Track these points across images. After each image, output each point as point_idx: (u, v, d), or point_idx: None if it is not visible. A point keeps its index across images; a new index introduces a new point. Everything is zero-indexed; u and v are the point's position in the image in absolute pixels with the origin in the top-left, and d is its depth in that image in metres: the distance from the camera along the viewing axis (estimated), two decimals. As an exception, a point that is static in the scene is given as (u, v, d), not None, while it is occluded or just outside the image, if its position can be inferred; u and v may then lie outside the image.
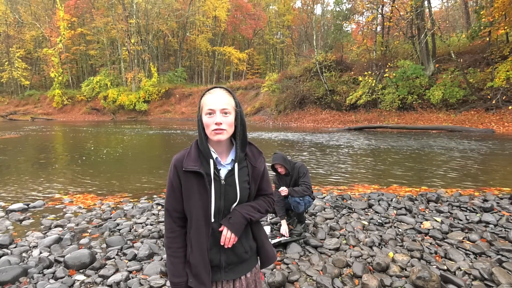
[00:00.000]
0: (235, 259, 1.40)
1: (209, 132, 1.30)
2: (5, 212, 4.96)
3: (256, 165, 1.40)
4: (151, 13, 41.51)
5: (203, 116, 1.31)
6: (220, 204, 1.34)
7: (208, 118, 1.29)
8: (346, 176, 7.16)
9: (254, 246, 1.47)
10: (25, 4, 48.76)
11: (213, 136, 1.29)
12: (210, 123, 1.29)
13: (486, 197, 5.01)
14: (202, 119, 1.31)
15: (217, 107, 1.28)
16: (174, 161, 1.35)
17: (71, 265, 3.06)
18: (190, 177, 1.31)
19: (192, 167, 1.30)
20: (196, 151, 1.35)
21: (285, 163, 3.60)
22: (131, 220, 4.51)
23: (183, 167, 1.31)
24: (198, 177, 1.31)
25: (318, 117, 23.30)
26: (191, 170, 1.30)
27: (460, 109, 17.67)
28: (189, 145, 1.40)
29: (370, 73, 21.12)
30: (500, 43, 18.76)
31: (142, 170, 8.50)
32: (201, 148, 1.34)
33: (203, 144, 1.33)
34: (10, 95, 47.82)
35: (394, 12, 23.00)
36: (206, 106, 1.30)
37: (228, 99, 1.31)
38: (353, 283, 2.71)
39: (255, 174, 1.40)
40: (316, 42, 29.05)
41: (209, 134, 1.31)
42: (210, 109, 1.29)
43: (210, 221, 1.33)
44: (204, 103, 1.32)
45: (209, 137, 1.32)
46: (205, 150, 1.33)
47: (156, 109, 38.13)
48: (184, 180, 1.33)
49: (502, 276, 2.61)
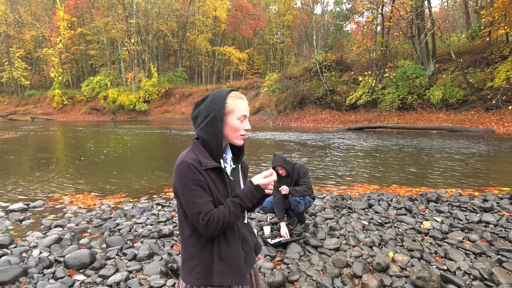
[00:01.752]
0: (250, 253, 1.44)
1: (236, 135, 1.33)
2: (5, 212, 4.96)
3: (244, 162, 1.49)
4: (151, 13, 41.49)
5: (232, 119, 1.31)
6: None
7: (240, 123, 1.32)
8: (346, 176, 7.16)
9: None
10: (25, 4, 48.74)
11: (239, 140, 1.35)
12: (240, 128, 1.33)
13: (486, 197, 5.01)
14: (230, 122, 1.31)
15: (248, 114, 1.36)
16: (190, 162, 1.24)
17: (71, 265, 3.06)
18: (211, 174, 1.29)
19: (212, 164, 1.28)
20: (203, 151, 1.31)
21: (285, 164, 3.60)
22: (131, 220, 4.50)
23: (202, 166, 1.26)
24: (216, 173, 1.30)
25: (318, 117, 23.30)
26: (211, 167, 1.28)
27: (460, 109, 17.67)
28: (187, 146, 1.38)
29: (370, 73, 21.12)
30: (500, 43, 18.77)
31: (142, 170, 8.50)
32: (213, 148, 1.31)
33: (219, 144, 1.30)
34: (10, 95, 47.82)
35: (394, 12, 23.01)
36: (240, 112, 1.32)
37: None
38: (353, 283, 2.71)
39: (245, 170, 1.49)
40: (316, 42, 29.02)
41: (234, 138, 1.34)
42: (244, 115, 1.33)
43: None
44: (237, 107, 1.31)
45: (231, 140, 1.35)
46: (219, 150, 1.31)
47: (156, 109, 38.13)
48: (207, 177, 1.27)
49: (502, 276, 2.61)
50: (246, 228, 1.45)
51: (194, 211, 1.24)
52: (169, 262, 3.07)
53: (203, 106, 1.33)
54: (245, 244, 1.41)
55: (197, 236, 1.31)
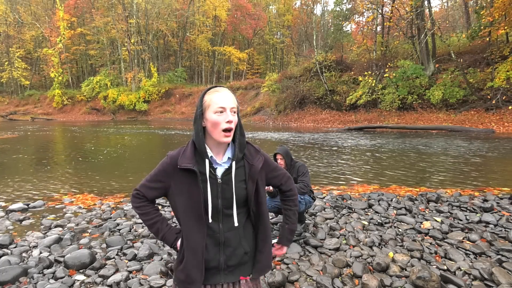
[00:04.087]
0: (235, 261, 1.37)
1: (218, 131, 1.27)
2: (5, 212, 4.96)
3: (254, 163, 1.37)
4: (151, 13, 41.48)
5: (210, 114, 1.28)
6: (217, 204, 1.31)
7: (218, 116, 1.26)
8: (346, 176, 7.16)
9: (253, 248, 1.44)
10: (25, 4, 48.73)
11: (222, 138, 1.28)
12: (220, 121, 1.26)
13: (486, 197, 5.01)
14: (209, 117, 1.28)
15: (227, 106, 1.27)
16: (169, 157, 1.35)
17: (71, 265, 3.06)
18: (184, 175, 1.30)
19: (186, 164, 1.29)
20: (192, 149, 1.33)
21: (286, 156, 3.61)
22: (131, 220, 4.50)
23: (177, 164, 1.30)
24: (191, 175, 1.30)
25: (318, 117, 23.30)
26: (185, 168, 1.29)
27: (460, 109, 17.67)
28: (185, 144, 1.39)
29: (370, 73, 21.12)
30: (500, 43, 18.76)
31: (142, 170, 8.49)
32: (197, 147, 1.32)
33: (200, 143, 1.31)
34: (10, 95, 47.82)
35: (394, 12, 23.00)
36: (215, 104, 1.27)
37: (234, 99, 1.32)
38: (353, 283, 2.71)
39: (252, 172, 1.36)
40: (316, 42, 29.05)
41: (217, 134, 1.28)
42: (221, 107, 1.26)
43: (203, 221, 1.31)
44: (212, 101, 1.28)
45: (215, 138, 1.30)
46: (201, 149, 1.31)
47: (156, 109, 38.13)
48: (176, 177, 1.32)
49: (502, 276, 2.61)
50: (236, 233, 1.37)
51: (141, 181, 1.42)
52: (169, 262, 3.07)
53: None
54: (228, 250, 1.36)
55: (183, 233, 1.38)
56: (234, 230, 1.36)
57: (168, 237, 1.42)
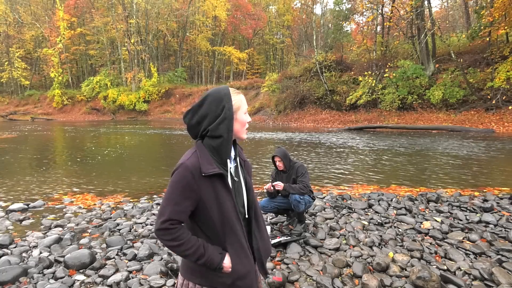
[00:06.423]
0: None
1: (243, 130, 1.36)
2: (5, 212, 4.96)
3: (245, 159, 1.45)
4: (151, 13, 41.46)
5: (241, 115, 1.33)
6: (236, 200, 1.33)
7: (246, 116, 1.36)
8: (346, 176, 7.16)
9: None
10: (25, 4, 48.68)
11: (245, 134, 1.38)
12: (246, 122, 1.36)
13: (486, 197, 5.01)
14: (239, 118, 1.33)
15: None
16: (189, 168, 1.23)
17: (71, 265, 3.06)
18: (210, 180, 1.25)
19: (212, 170, 1.24)
20: (208, 153, 1.28)
21: (284, 158, 3.61)
22: (131, 220, 4.50)
23: (202, 172, 1.23)
24: (217, 179, 1.26)
25: (318, 117, 23.30)
26: (212, 174, 1.23)
27: (460, 109, 17.67)
28: (189, 147, 1.37)
29: (370, 73, 21.11)
30: (500, 43, 18.76)
31: (142, 170, 8.50)
32: (223, 148, 1.28)
33: (229, 144, 1.29)
34: (10, 95, 47.79)
35: (394, 12, 22.99)
36: (244, 106, 1.36)
37: None
38: (353, 283, 2.71)
39: (247, 167, 1.44)
40: (316, 42, 29.03)
41: (242, 133, 1.36)
42: (246, 108, 1.37)
43: (240, 218, 1.32)
44: (242, 102, 1.34)
45: (239, 136, 1.36)
46: (227, 150, 1.30)
47: (156, 109, 38.12)
48: (203, 187, 1.24)
49: (502, 276, 2.61)
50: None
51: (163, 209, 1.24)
52: (169, 262, 3.07)
53: (206, 109, 1.28)
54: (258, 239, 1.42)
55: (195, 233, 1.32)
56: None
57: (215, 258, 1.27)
